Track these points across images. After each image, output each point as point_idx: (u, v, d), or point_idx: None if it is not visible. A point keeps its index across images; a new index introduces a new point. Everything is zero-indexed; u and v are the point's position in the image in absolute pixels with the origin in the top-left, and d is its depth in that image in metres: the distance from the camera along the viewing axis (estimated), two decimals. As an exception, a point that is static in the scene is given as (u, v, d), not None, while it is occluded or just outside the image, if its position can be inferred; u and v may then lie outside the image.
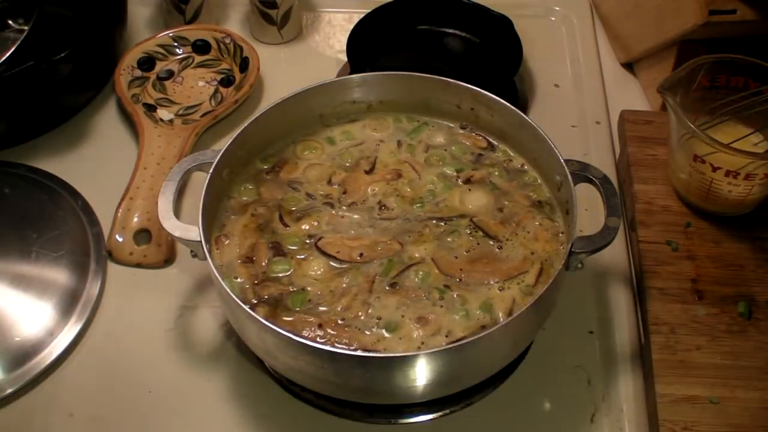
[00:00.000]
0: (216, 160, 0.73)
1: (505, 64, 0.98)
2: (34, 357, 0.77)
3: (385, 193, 0.78)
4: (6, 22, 0.96)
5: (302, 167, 0.80)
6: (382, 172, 0.80)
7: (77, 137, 0.97)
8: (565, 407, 0.75)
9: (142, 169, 0.90)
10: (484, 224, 0.75)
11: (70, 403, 0.76)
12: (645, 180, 0.88)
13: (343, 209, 0.77)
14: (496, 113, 0.80)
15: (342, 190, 0.78)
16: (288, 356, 0.66)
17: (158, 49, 1.03)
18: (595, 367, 0.77)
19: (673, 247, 0.83)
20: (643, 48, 1.01)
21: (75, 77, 0.93)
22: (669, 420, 0.71)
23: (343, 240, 0.74)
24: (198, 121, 0.96)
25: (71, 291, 0.81)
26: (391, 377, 0.66)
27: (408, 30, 1.06)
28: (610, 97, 1.02)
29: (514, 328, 0.67)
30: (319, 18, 1.13)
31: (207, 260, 0.68)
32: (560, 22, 1.12)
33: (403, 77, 0.82)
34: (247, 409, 0.75)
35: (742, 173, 0.79)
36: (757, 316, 0.78)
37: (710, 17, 0.88)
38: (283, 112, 0.79)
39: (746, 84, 0.83)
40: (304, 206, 0.77)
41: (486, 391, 0.75)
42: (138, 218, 0.86)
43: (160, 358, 0.78)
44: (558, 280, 0.67)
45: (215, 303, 0.81)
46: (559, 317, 0.78)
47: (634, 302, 0.82)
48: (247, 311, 0.65)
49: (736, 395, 0.72)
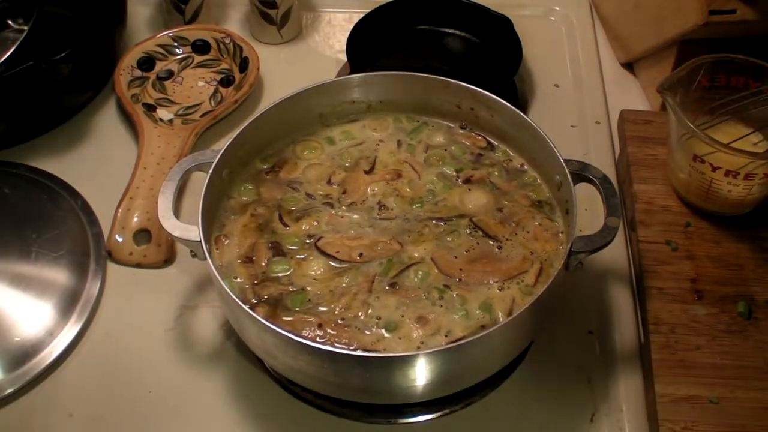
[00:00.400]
0: (216, 160, 0.73)
1: (505, 64, 0.98)
2: (34, 357, 0.77)
3: (385, 193, 0.78)
4: (6, 22, 0.96)
5: (302, 167, 0.80)
6: (381, 172, 0.80)
7: (77, 137, 0.97)
8: (565, 407, 0.75)
9: (141, 169, 0.90)
10: (483, 224, 0.75)
11: (70, 403, 0.76)
12: (645, 180, 0.88)
13: (342, 209, 0.77)
14: (496, 113, 0.80)
15: (342, 190, 0.78)
16: (288, 356, 0.66)
17: (158, 49, 1.03)
18: (595, 367, 0.77)
19: (672, 246, 0.83)
20: (643, 48, 1.01)
21: (75, 77, 0.93)
22: (669, 420, 0.71)
23: (342, 240, 0.74)
24: (198, 121, 0.96)
25: (71, 291, 0.81)
26: (390, 377, 0.66)
27: (408, 30, 1.06)
28: (610, 97, 1.02)
29: (514, 328, 0.67)
30: (319, 18, 1.13)
31: (207, 260, 0.68)
32: (560, 22, 1.12)
33: (403, 77, 0.82)
34: (247, 409, 0.75)
35: (742, 173, 0.79)
36: (756, 315, 0.78)
37: (710, 17, 0.88)
38: (283, 112, 0.79)
39: (746, 84, 0.83)
40: (303, 206, 0.77)
41: (486, 391, 0.75)
42: (138, 218, 0.86)
43: (160, 358, 0.78)
44: (558, 280, 0.67)
45: (215, 303, 0.81)
46: (559, 317, 0.78)
47: (633, 302, 0.82)
48: (247, 311, 0.65)
49: (736, 395, 0.72)
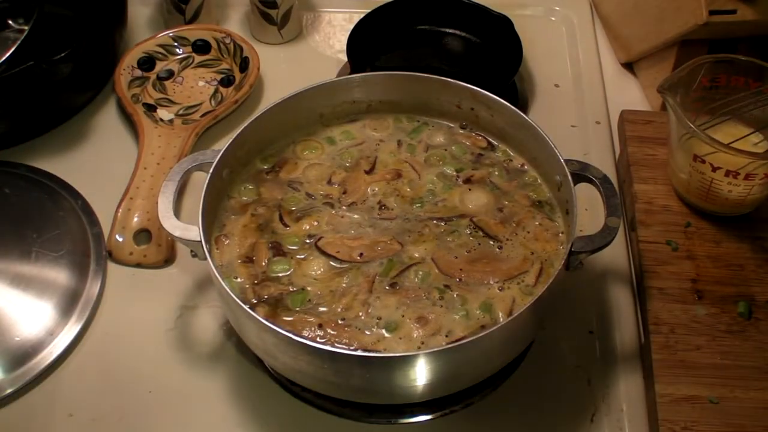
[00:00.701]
0: (216, 160, 0.73)
1: (505, 64, 0.98)
2: (34, 357, 0.77)
3: (385, 192, 0.78)
4: (6, 22, 0.96)
5: (302, 167, 0.80)
6: (382, 171, 0.80)
7: (77, 137, 0.97)
8: (565, 407, 0.75)
9: (142, 169, 0.90)
10: (484, 224, 0.75)
11: (70, 403, 0.76)
12: (645, 180, 0.88)
13: (343, 209, 0.77)
14: (496, 113, 0.80)
15: (342, 189, 0.78)
16: (288, 356, 0.66)
17: (158, 49, 1.03)
18: (595, 367, 0.77)
19: (673, 246, 0.83)
20: (643, 48, 1.01)
21: (75, 77, 0.93)
22: (669, 420, 0.71)
23: (343, 240, 0.74)
24: (198, 121, 0.96)
25: (71, 291, 0.81)
26: (391, 377, 0.66)
27: (408, 30, 1.06)
28: (610, 97, 1.02)
29: (514, 328, 0.67)
30: (319, 18, 1.13)
31: (207, 260, 0.68)
32: (560, 22, 1.12)
33: (403, 77, 0.82)
34: (247, 409, 0.75)
35: (742, 173, 0.79)
36: (756, 316, 0.78)
37: (710, 17, 0.88)
38: (283, 112, 0.79)
39: (746, 84, 0.83)
40: (304, 206, 0.77)
41: (486, 391, 0.75)
42: (138, 218, 0.86)
43: (160, 358, 0.78)
44: (558, 280, 0.67)
45: (215, 303, 0.81)
46: (559, 317, 0.78)
47: (634, 302, 0.82)
48: (247, 311, 0.65)
49: (735, 395, 0.72)
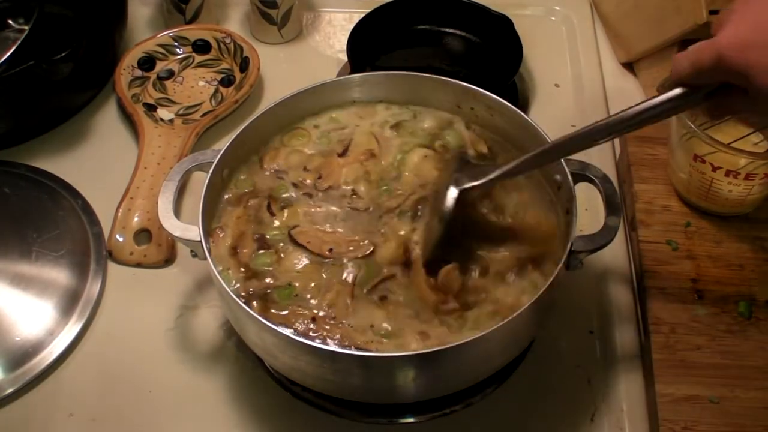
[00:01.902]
0: (216, 160, 0.73)
1: (505, 64, 0.98)
2: (34, 357, 0.77)
3: (357, 177, 0.77)
4: (6, 22, 0.96)
5: (284, 154, 0.79)
6: (355, 153, 0.79)
7: (77, 137, 0.97)
8: (565, 407, 0.75)
9: (142, 168, 0.90)
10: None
11: (70, 403, 0.76)
12: (645, 180, 0.88)
13: (319, 196, 0.76)
14: (496, 113, 0.80)
15: (317, 175, 0.77)
16: (288, 356, 0.66)
17: (158, 48, 1.03)
18: (595, 367, 0.77)
19: (673, 246, 0.83)
20: (643, 48, 1.01)
21: (75, 77, 0.93)
22: (669, 420, 0.71)
23: (316, 232, 0.73)
24: (198, 120, 0.96)
25: (71, 291, 0.81)
26: (391, 377, 0.66)
27: (408, 30, 1.06)
28: (610, 97, 1.02)
29: (514, 328, 0.66)
30: (319, 18, 1.13)
31: (207, 260, 0.68)
32: (560, 22, 1.12)
33: (404, 77, 0.82)
34: (247, 409, 0.75)
35: (743, 173, 0.79)
36: (757, 315, 0.78)
37: (710, 17, 0.88)
38: (283, 112, 0.79)
39: (746, 84, 0.83)
40: (287, 196, 0.76)
41: (486, 391, 0.75)
42: (138, 218, 0.86)
43: (160, 358, 0.79)
44: (558, 280, 0.67)
45: (215, 303, 0.81)
46: (559, 317, 0.78)
47: (634, 302, 0.82)
48: (247, 311, 0.65)
49: (736, 395, 0.72)
